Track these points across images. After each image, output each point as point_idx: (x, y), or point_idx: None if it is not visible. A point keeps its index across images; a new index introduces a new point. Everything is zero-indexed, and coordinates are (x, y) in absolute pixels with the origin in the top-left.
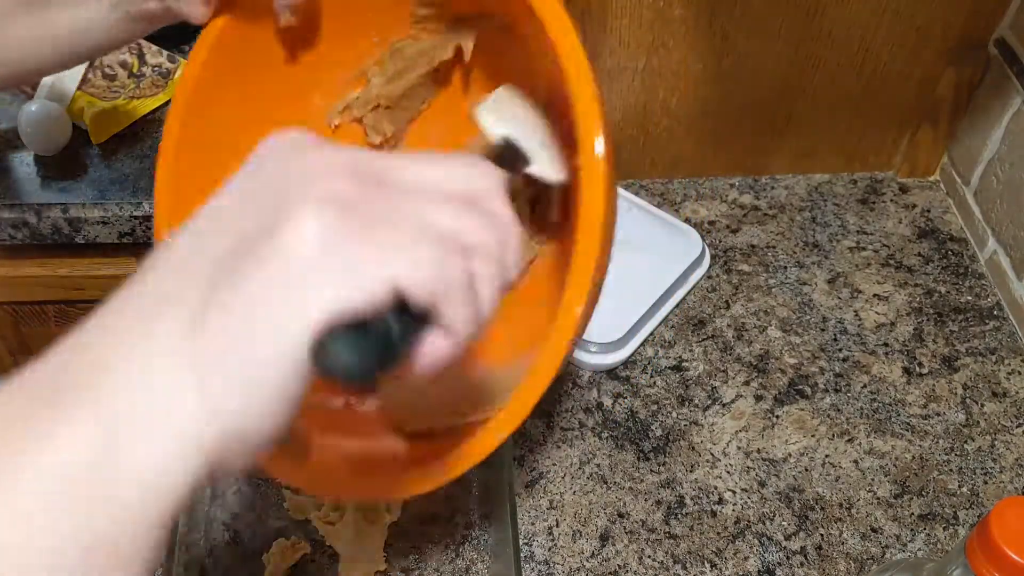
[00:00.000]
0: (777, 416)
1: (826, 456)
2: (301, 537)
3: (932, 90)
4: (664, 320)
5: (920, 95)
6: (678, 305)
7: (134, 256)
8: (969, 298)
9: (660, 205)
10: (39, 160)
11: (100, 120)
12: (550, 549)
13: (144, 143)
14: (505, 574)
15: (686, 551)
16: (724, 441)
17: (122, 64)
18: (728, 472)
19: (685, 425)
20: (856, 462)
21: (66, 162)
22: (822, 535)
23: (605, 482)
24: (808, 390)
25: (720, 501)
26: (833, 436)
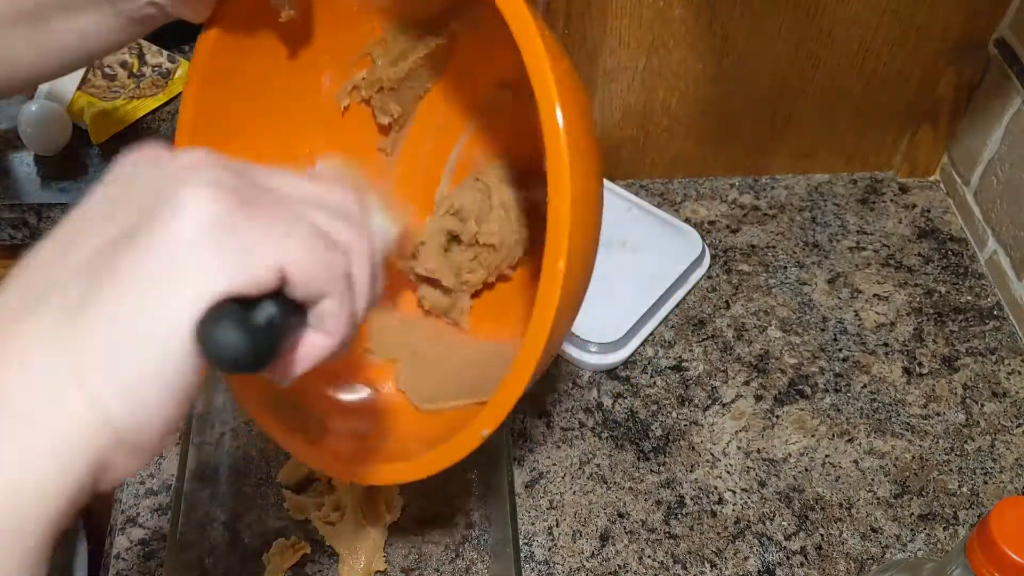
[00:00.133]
0: (777, 416)
1: (826, 456)
2: (301, 537)
3: (932, 90)
4: (664, 320)
5: (920, 95)
6: (678, 305)
7: None
8: (969, 298)
9: (660, 205)
10: (39, 160)
11: (100, 120)
12: (550, 549)
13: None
14: (505, 574)
15: (686, 551)
16: (724, 441)
17: (122, 64)
18: (728, 472)
19: (685, 425)
20: (856, 462)
21: (66, 162)
22: (822, 535)
23: (605, 482)
24: (808, 390)
25: (720, 501)
26: (833, 436)
